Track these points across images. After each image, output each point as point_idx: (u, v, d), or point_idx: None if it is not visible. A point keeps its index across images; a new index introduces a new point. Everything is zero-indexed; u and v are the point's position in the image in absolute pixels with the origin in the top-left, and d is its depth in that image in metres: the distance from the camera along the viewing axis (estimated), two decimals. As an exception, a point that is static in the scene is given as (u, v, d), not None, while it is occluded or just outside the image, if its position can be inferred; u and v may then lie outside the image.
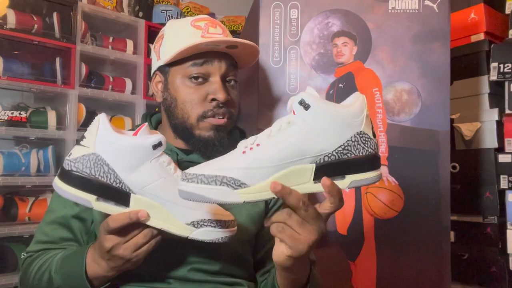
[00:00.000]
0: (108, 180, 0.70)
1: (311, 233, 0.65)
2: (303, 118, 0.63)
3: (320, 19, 1.53)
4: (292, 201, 0.63)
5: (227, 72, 0.91)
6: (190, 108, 0.89)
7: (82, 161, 0.70)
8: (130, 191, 0.71)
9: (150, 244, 0.73)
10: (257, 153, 0.63)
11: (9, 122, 1.71)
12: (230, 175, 0.62)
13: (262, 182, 0.63)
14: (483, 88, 2.06)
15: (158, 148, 0.71)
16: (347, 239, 1.47)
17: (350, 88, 1.51)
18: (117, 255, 0.72)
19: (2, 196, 1.72)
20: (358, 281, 1.48)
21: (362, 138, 0.65)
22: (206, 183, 0.62)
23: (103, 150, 0.70)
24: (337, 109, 0.64)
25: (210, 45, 0.88)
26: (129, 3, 2.18)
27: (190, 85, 0.89)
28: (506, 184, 1.91)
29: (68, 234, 0.90)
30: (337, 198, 0.64)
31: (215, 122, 0.89)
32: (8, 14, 1.73)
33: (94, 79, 2.00)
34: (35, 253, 0.90)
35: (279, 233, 0.66)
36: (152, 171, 0.70)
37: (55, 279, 0.81)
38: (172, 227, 0.71)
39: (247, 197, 0.62)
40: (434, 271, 1.46)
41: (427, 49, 1.49)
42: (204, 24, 0.91)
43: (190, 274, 0.86)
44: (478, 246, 2.00)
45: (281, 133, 0.64)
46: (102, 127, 0.71)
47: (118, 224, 0.70)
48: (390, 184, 1.47)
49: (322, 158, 0.64)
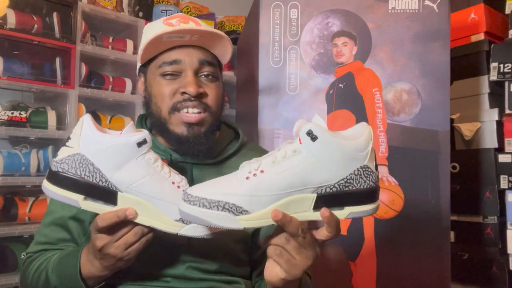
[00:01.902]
0: (94, 180, 0.70)
1: (307, 258, 0.66)
2: (309, 149, 0.64)
3: (320, 19, 1.53)
4: (291, 229, 0.64)
5: (201, 67, 0.89)
6: (162, 102, 0.88)
7: (68, 161, 0.71)
8: (117, 190, 0.71)
9: (141, 242, 0.73)
10: (260, 180, 0.64)
11: (9, 122, 1.71)
12: (232, 201, 0.63)
13: (263, 210, 0.64)
14: (483, 88, 2.06)
15: (143, 145, 0.70)
16: (347, 239, 1.47)
17: (350, 88, 1.51)
18: (108, 253, 0.72)
19: (2, 196, 1.72)
20: (358, 281, 1.48)
21: (365, 172, 0.66)
22: (208, 207, 0.63)
23: (87, 150, 0.71)
24: (344, 143, 0.64)
25: (173, 38, 0.86)
26: (129, 3, 2.18)
27: (163, 80, 0.89)
28: (506, 184, 1.91)
29: (66, 235, 0.90)
30: (334, 228, 0.65)
31: (186, 119, 0.87)
32: (8, 14, 1.72)
33: (94, 79, 2.00)
34: (34, 254, 0.91)
35: (276, 256, 0.67)
36: (138, 168, 0.70)
37: (51, 279, 0.82)
38: (161, 224, 0.71)
39: (248, 224, 0.64)
40: (434, 271, 1.46)
41: (427, 49, 1.49)
42: (175, 21, 0.90)
43: (187, 272, 0.86)
44: (478, 246, 2.00)
45: (286, 161, 0.64)
46: (86, 127, 0.71)
47: (106, 223, 0.70)
48: (390, 184, 1.47)
49: (324, 189, 0.65)
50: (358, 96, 1.51)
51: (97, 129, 0.71)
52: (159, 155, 0.91)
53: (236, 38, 2.40)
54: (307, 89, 1.51)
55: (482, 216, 1.99)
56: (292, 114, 1.50)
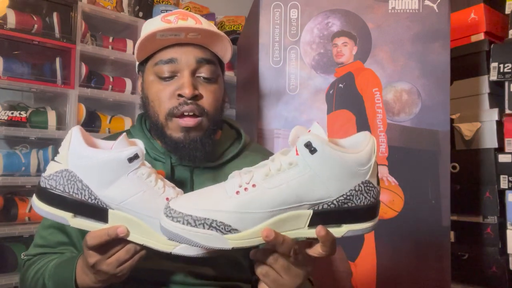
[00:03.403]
0: (83, 197, 0.67)
1: (296, 277, 0.63)
2: (306, 162, 0.58)
3: (320, 19, 1.53)
4: (283, 250, 0.60)
5: (198, 67, 0.86)
6: (159, 106, 0.85)
7: (55, 178, 0.67)
8: (107, 207, 0.67)
9: (134, 260, 0.70)
10: (252, 196, 0.58)
11: (9, 122, 1.71)
12: (220, 219, 0.58)
13: (254, 228, 0.58)
14: (483, 88, 2.06)
15: (135, 160, 0.66)
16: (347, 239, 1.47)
17: (350, 88, 1.51)
18: (100, 270, 0.70)
19: (2, 196, 1.72)
20: (358, 281, 1.48)
21: (366, 187, 0.61)
22: (193, 225, 0.58)
23: (75, 166, 0.67)
24: (345, 157, 0.59)
25: (167, 35, 0.83)
26: (129, 3, 2.18)
27: (160, 82, 0.86)
28: (506, 184, 1.91)
29: (64, 238, 0.89)
30: (329, 247, 0.61)
31: (183, 123, 0.83)
32: (8, 14, 1.72)
33: (94, 79, 2.00)
34: (33, 257, 0.90)
35: (263, 276, 0.64)
36: (129, 185, 0.66)
37: (48, 285, 0.81)
38: (154, 243, 0.68)
39: (236, 244, 0.59)
40: (434, 271, 1.46)
41: (427, 49, 1.49)
42: (174, 17, 0.86)
43: (187, 279, 0.85)
44: (478, 246, 2.00)
45: (281, 174, 0.59)
46: (74, 141, 0.67)
47: (96, 241, 0.67)
48: (390, 184, 1.47)
49: (321, 205, 0.60)
50: (358, 96, 1.50)
51: (86, 143, 0.68)
52: (159, 157, 0.91)
53: (236, 38, 2.40)
54: (307, 89, 1.51)
55: (482, 216, 1.99)
56: (292, 114, 1.50)
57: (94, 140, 0.71)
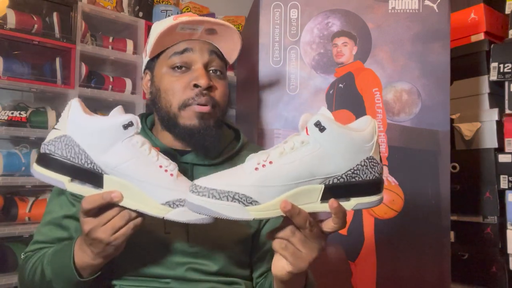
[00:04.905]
0: (80, 161, 0.70)
1: (312, 251, 0.67)
2: (317, 140, 0.64)
3: (320, 19, 1.53)
4: (299, 221, 0.64)
5: (210, 61, 0.90)
6: (172, 96, 0.88)
7: (55, 143, 0.71)
8: (102, 172, 0.70)
9: (129, 227, 0.71)
10: (269, 171, 0.64)
11: (9, 122, 1.71)
12: (242, 192, 0.63)
13: (273, 200, 0.63)
14: (483, 88, 2.07)
15: (130, 128, 0.70)
16: (347, 239, 1.47)
17: (350, 88, 1.51)
18: (95, 238, 0.71)
19: (2, 196, 1.72)
20: (358, 281, 1.48)
21: (371, 163, 0.66)
22: (217, 198, 0.62)
23: (73, 132, 0.70)
24: (351, 133, 0.65)
25: (186, 29, 0.86)
26: (129, 3, 2.18)
27: (173, 74, 0.89)
28: (506, 184, 1.91)
29: (64, 234, 0.90)
30: (341, 219, 0.66)
31: (198, 109, 0.86)
32: (8, 14, 1.72)
33: (94, 79, 2.00)
34: (31, 253, 0.91)
35: (281, 250, 0.67)
36: (124, 151, 0.70)
37: (46, 272, 0.81)
38: (147, 208, 0.70)
39: (257, 215, 0.64)
40: (434, 271, 1.46)
41: (427, 49, 1.49)
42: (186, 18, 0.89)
43: (187, 274, 0.86)
44: (478, 246, 2.00)
45: (294, 152, 0.64)
46: (73, 110, 0.71)
47: (91, 205, 0.69)
48: (390, 184, 1.47)
49: (331, 180, 0.65)
50: (358, 96, 1.51)
51: (85, 112, 0.71)
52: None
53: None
54: (307, 89, 1.51)
55: (482, 216, 1.99)
56: (292, 114, 1.50)
57: (93, 114, 0.74)
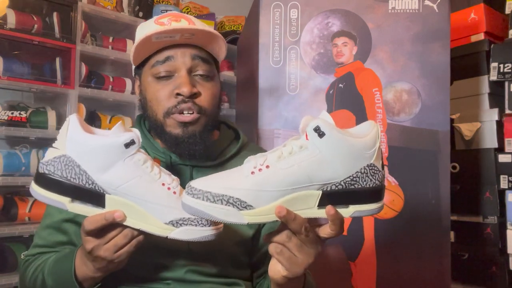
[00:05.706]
0: (80, 182, 0.68)
1: (308, 256, 0.66)
2: (316, 145, 0.63)
3: (320, 19, 1.53)
4: (295, 227, 0.63)
5: (194, 66, 0.88)
6: (157, 106, 0.87)
7: (54, 163, 0.69)
8: (104, 192, 0.69)
9: (131, 245, 0.71)
10: (266, 175, 0.63)
11: (9, 122, 1.71)
12: (237, 196, 0.62)
13: (268, 205, 0.63)
14: (483, 88, 2.06)
15: (131, 146, 0.68)
16: (347, 239, 1.47)
17: (350, 88, 1.51)
18: (98, 256, 0.71)
19: (2, 196, 1.72)
20: (358, 281, 1.48)
21: (371, 170, 0.65)
22: (212, 201, 0.62)
23: (73, 151, 0.69)
24: (351, 140, 0.64)
25: (162, 38, 0.85)
26: (129, 3, 2.18)
27: (158, 82, 0.88)
28: (506, 184, 1.91)
29: (63, 238, 0.90)
30: (338, 226, 0.65)
31: (180, 119, 0.85)
32: (8, 14, 1.72)
33: (94, 79, 2.00)
34: (32, 257, 0.91)
35: (277, 254, 0.66)
36: (126, 170, 0.68)
37: (47, 281, 0.81)
38: (150, 227, 0.69)
39: (251, 219, 0.63)
40: (434, 271, 1.46)
41: (427, 49, 1.49)
42: (167, 19, 0.88)
43: (187, 275, 0.86)
44: (478, 246, 2.00)
45: (292, 157, 0.64)
46: (72, 127, 0.70)
47: (94, 226, 0.68)
48: (390, 184, 1.47)
49: (329, 186, 0.64)
50: (358, 96, 1.51)
51: (84, 129, 0.70)
52: (159, 157, 0.91)
53: (236, 38, 2.40)
54: (307, 89, 1.51)
55: (482, 216, 1.99)
56: (292, 114, 1.50)
57: (91, 129, 0.73)
